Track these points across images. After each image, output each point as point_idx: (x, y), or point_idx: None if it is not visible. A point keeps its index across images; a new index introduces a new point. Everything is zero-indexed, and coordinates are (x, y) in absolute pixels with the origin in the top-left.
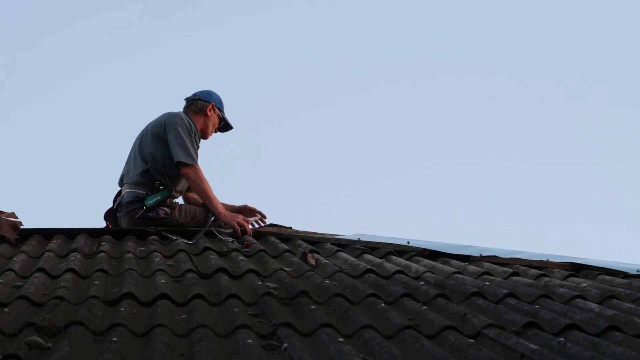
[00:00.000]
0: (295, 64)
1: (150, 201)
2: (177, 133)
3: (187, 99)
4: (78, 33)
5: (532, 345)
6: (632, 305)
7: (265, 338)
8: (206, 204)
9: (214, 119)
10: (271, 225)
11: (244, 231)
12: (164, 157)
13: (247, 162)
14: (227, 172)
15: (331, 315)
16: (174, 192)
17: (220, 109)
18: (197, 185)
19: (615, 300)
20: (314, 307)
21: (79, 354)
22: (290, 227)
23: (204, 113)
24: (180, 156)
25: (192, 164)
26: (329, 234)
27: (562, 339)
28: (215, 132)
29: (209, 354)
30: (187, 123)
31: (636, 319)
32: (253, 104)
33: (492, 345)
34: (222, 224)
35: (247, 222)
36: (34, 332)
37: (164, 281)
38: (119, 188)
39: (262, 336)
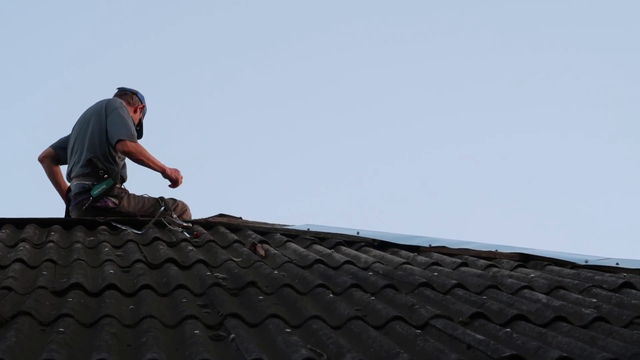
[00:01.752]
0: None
1: (95, 191)
2: (118, 114)
3: (123, 88)
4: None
5: (479, 336)
6: (579, 296)
7: (213, 328)
8: (151, 167)
9: (135, 119)
10: (221, 215)
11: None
12: (106, 144)
13: (198, 154)
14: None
15: (279, 305)
16: (120, 178)
17: (143, 115)
18: (138, 156)
19: (562, 291)
20: (262, 297)
21: (26, 344)
22: (240, 218)
23: (133, 109)
24: (119, 134)
25: (128, 139)
26: (279, 225)
27: (508, 329)
28: None
29: (156, 345)
30: (124, 105)
31: (583, 309)
32: (201, 101)
33: (439, 335)
34: (170, 179)
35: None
36: None
37: (112, 271)
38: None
39: (210, 327)
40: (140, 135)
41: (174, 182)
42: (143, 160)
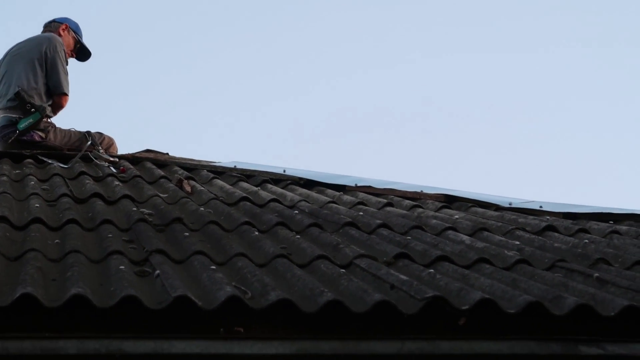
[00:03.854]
0: None
1: (22, 124)
2: (61, 60)
3: (45, 24)
4: None
5: (403, 276)
6: (502, 238)
7: (138, 264)
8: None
9: (67, 40)
10: (148, 151)
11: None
12: (38, 79)
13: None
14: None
15: (205, 242)
16: (47, 113)
17: (77, 33)
18: (59, 111)
19: (486, 233)
20: (187, 234)
21: None
22: (167, 154)
23: (57, 32)
24: (65, 87)
25: (69, 95)
26: (205, 161)
27: (432, 270)
28: (73, 56)
29: (80, 279)
30: (63, 46)
31: (506, 251)
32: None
33: (363, 275)
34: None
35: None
36: None
37: (38, 205)
38: None
39: (135, 262)
40: (87, 53)
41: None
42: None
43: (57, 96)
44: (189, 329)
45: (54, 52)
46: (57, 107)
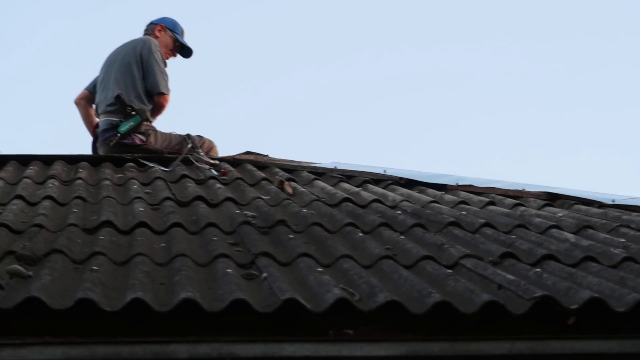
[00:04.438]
0: None
1: (123, 127)
2: (157, 61)
3: (149, 23)
4: None
5: (509, 276)
6: (607, 236)
7: (245, 267)
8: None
9: (164, 40)
10: (248, 153)
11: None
12: (136, 82)
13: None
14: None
15: (309, 244)
16: (147, 116)
17: (174, 31)
18: (162, 111)
19: (590, 231)
20: (292, 236)
21: (60, 282)
22: (267, 155)
23: (153, 35)
24: (162, 87)
25: (168, 94)
26: (306, 162)
27: (538, 269)
28: (174, 55)
29: (189, 283)
30: (159, 47)
31: (611, 249)
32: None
33: (470, 275)
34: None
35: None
36: (14, 260)
37: (142, 209)
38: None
39: (242, 265)
40: (189, 51)
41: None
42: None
43: (155, 96)
44: (298, 331)
45: (148, 53)
46: (158, 107)
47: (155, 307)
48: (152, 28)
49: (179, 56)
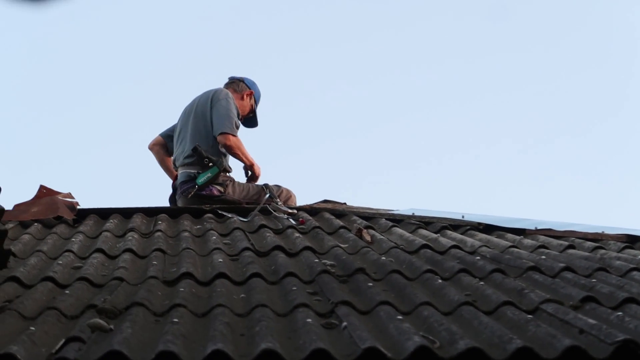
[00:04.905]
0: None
1: (201, 179)
2: (222, 106)
3: (232, 77)
4: None
5: (591, 320)
6: None
7: (325, 316)
8: (242, 160)
9: (245, 105)
10: (325, 201)
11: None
12: (211, 133)
13: (303, 140)
14: (281, 149)
15: (389, 292)
16: (225, 166)
17: (256, 101)
18: (235, 150)
19: None
20: (371, 284)
21: (141, 335)
22: (345, 203)
23: (240, 95)
24: (223, 127)
25: (231, 134)
26: (383, 210)
27: (620, 313)
28: (241, 120)
29: (269, 334)
30: (231, 97)
31: None
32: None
33: (551, 320)
34: (253, 174)
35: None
36: (95, 313)
37: (221, 260)
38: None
39: (321, 314)
40: (255, 123)
41: (255, 178)
42: (238, 154)
43: (220, 138)
44: None
45: (217, 100)
46: (226, 149)
47: (236, 359)
48: (243, 88)
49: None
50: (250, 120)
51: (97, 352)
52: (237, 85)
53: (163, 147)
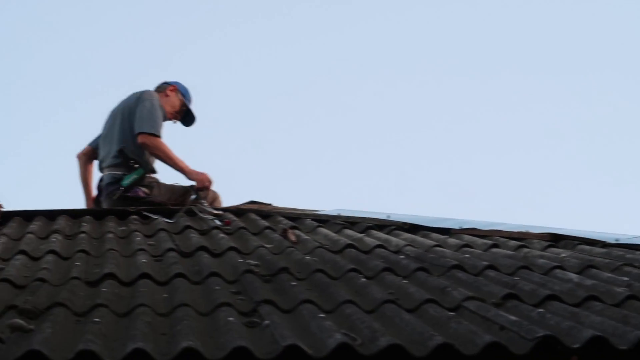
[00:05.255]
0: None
1: (126, 181)
2: (144, 106)
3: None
4: None
5: (512, 317)
6: (611, 275)
7: (247, 315)
8: (172, 167)
9: (172, 100)
10: (251, 202)
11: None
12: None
13: (229, 141)
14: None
15: (312, 291)
16: (151, 168)
17: (185, 96)
18: (159, 152)
19: (594, 270)
20: (294, 283)
21: (62, 335)
22: (270, 204)
23: (164, 93)
24: (143, 127)
25: (152, 134)
26: (309, 210)
27: (541, 309)
28: (177, 119)
29: (191, 333)
30: (156, 97)
31: (615, 288)
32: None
33: (472, 317)
34: (191, 181)
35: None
36: (16, 314)
37: (145, 261)
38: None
39: (244, 313)
40: (192, 121)
41: (201, 188)
42: (161, 156)
43: (138, 138)
44: None
45: (142, 100)
46: (145, 149)
47: (156, 357)
48: (165, 87)
49: (179, 124)
50: (187, 117)
51: (16, 352)
52: (160, 86)
53: (90, 157)
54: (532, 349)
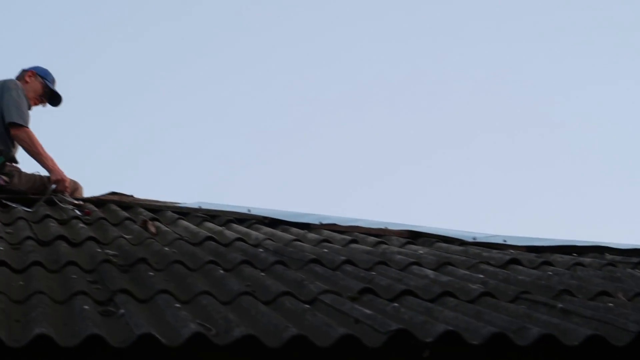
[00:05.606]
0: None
1: None
2: (11, 96)
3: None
4: None
5: (367, 311)
6: (466, 272)
7: (103, 304)
8: (39, 162)
9: (33, 86)
10: (113, 193)
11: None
12: (1, 124)
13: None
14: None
15: (169, 282)
16: (12, 156)
17: (45, 78)
18: (28, 146)
19: (450, 267)
20: (152, 273)
21: None
22: (132, 196)
23: (23, 80)
24: (12, 117)
25: (23, 125)
26: (170, 202)
27: (396, 304)
28: (43, 102)
29: (45, 320)
30: (20, 87)
31: (470, 285)
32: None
33: (328, 310)
34: (54, 180)
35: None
36: None
37: (1, 248)
38: None
39: (100, 302)
40: (59, 101)
41: (60, 188)
42: (31, 149)
43: (12, 129)
44: None
45: (8, 89)
46: (16, 140)
47: (9, 343)
48: (23, 74)
49: (48, 106)
50: (51, 97)
51: None
52: (19, 75)
53: None
54: (385, 343)
